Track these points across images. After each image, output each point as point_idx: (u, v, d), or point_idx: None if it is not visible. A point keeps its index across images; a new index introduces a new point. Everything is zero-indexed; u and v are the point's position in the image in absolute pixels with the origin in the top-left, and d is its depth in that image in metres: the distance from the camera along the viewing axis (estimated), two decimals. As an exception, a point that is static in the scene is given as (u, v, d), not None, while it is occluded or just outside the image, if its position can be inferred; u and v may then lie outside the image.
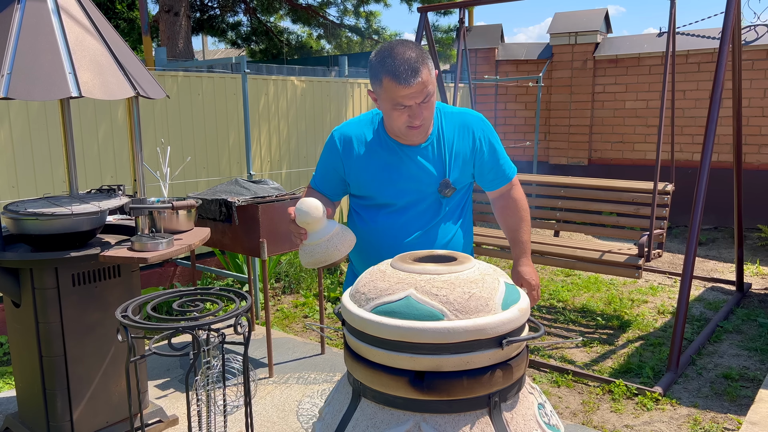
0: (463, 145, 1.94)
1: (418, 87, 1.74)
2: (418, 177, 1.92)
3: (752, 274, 5.53)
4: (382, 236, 1.95)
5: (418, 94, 1.76)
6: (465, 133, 1.95)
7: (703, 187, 3.49)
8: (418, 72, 1.73)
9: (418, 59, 1.74)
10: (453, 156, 1.93)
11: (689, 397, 3.25)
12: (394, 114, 1.80)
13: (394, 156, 1.92)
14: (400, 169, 1.92)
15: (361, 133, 1.95)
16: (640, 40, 7.56)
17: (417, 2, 10.71)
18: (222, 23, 11.89)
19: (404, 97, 1.75)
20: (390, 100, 1.77)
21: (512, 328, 1.37)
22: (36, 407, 2.60)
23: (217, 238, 3.58)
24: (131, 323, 1.84)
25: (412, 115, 1.79)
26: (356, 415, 1.43)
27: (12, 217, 2.44)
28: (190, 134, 4.98)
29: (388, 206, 1.95)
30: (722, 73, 3.51)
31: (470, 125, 1.96)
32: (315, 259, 1.76)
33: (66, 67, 2.25)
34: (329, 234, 1.76)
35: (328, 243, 1.75)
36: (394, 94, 1.75)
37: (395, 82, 1.73)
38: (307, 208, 1.71)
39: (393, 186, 1.93)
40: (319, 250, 1.74)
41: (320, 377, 3.49)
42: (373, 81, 1.80)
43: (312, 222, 1.72)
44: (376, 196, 1.95)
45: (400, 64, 1.72)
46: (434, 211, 1.97)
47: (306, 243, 1.76)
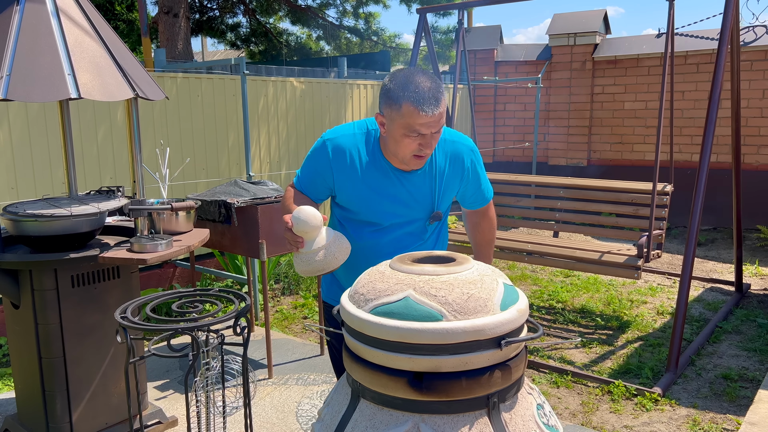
0: (453, 175, 1.98)
1: (437, 117, 1.75)
2: (407, 202, 1.93)
3: (751, 275, 5.53)
4: (363, 252, 1.95)
5: (435, 124, 1.76)
6: (456, 164, 1.97)
7: (702, 187, 3.50)
8: (440, 102, 1.75)
9: (438, 89, 1.76)
10: (444, 186, 1.96)
11: (688, 397, 3.25)
12: (404, 141, 1.79)
13: (386, 178, 1.91)
14: (390, 192, 1.91)
15: (354, 147, 1.91)
16: (639, 41, 7.57)
17: (416, 3, 10.72)
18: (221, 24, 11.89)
19: (422, 125, 1.74)
20: (406, 126, 1.76)
21: (511, 329, 1.37)
22: (35, 409, 2.60)
23: (217, 239, 3.58)
24: (130, 324, 1.84)
25: (424, 144, 1.79)
26: (355, 416, 1.43)
27: (11, 219, 2.44)
28: (189, 135, 4.98)
29: (373, 225, 1.95)
30: (721, 73, 3.52)
31: (461, 156, 1.98)
32: (312, 267, 1.74)
33: (65, 69, 2.25)
34: (326, 243, 1.74)
35: (326, 252, 1.73)
36: (412, 121, 1.74)
37: (417, 110, 1.72)
38: (305, 217, 1.69)
39: (381, 208, 1.92)
40: (316, 259, 1.72)
41: (319, 378, 3.49)
42: (389, 105, 1.77)
43: (310, 231, 1.70)
44: (362, 214, 1.95)
45: (423, 92, 1.73)
46: (418, 234, 2.00)
47: (303, 252, 1.74)
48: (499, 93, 8.48)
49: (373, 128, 1.93)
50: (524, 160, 8.31)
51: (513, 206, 5.02)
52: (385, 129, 1.82)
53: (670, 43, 3.90)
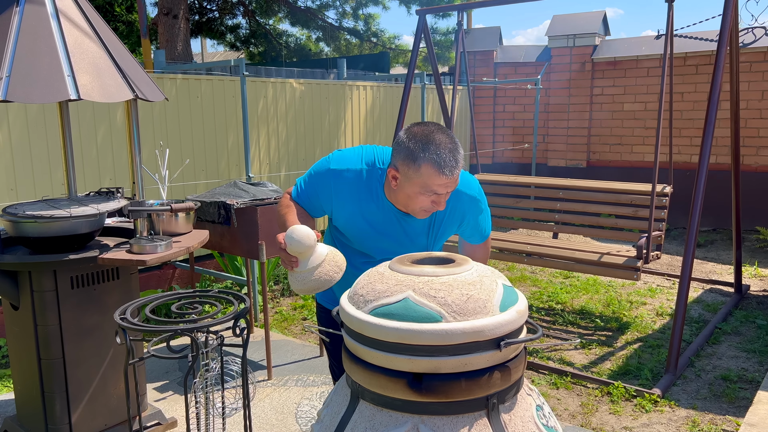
0: (451, 222, 1.98)
1: (455, 178, 1.75)
2: (401, 242, 1.94)
3: (750, 276, 5.54)
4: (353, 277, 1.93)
5: (452, 184, 1.76)
6: (456, 213, 1.97)
7: (701, 189, 3.50)
8: (459, 162, 1.75)
9: (457, 148, 1.75)
10: (440, 231, 1.98)
11: (688, 398, 3.25)
12: (418, 198, 1.78)
13: (384, 217, 1.90)
14: (387, 230, 1.92)
15: (359, 183, 1.89)
16: (638, 43, 7.58)
17: (416, 5, 10.72)
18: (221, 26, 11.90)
19: (440, 186, 1.74)
20: (423, 186, 1.75)
21: (510, 330, 1.37)
22: (34, 410, 2.60)
23: (216, 240, 3.58)
24: (130, 326, 1.84)
25: (437, 202, 1.79)
26: (354, 417, 1.43)
27: (10, 220, 2.44)
28: (188, 137, 4.98)
29: (365, 256, 1.96)
30: (720, 75, 3.52)
31: (462, 206, 1.96)
32: (308, 287, 1.72)
33: (65, 70, 2.25)
34: (321, 261, 1.71)
35: (321, 270, 1.71)
36: (431, 182, 1.73)
37: (438, 172, 1.71)
38: (298, 237, 1.67)
39: (375, 243, 1.93)
40: (312, 278, 1.70)
41: (319, 379, 3.49)
42: (407, 164, 1.74)
43: (305, 250, 1.67)
44: (356, 244, 1.95)
45: (445, 154, 1.71)
46: None
47: (297, 271, 1.72)
48: (498, 94, 8.49)
49: (380, 166, 1.89)
50: (524, 162, 8.31)
51: (512, 207, 5.03)
52: (397, 183, 1.79)
53: (669, 45, 3.91)
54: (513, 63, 8.31)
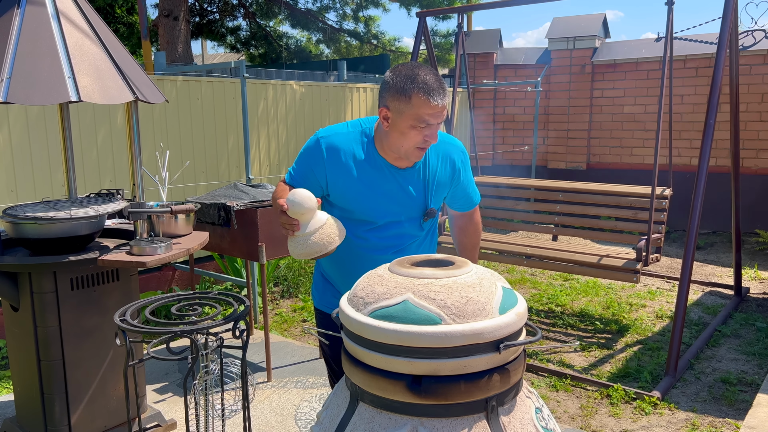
0: (444, 174, 2.00)
1: (443, 107, 1.80)
2: (401, 199, 1.94)
3: (750, 279, 5.54)
4: (357, 250, 1.96)
5: (441, 114, 1.80)
6: (446, 163, 2.01)
7: (701, 191, 3.50)
8: (446, 92, 1.81)
9: (442, 81, 1.81)
10: (435, 184, 1.99)
11: (687, 401, 3.25)
12: (411, 133, 1.80)
13: (380, 175, 1.92)
14: (385, 189, 1.92)
15: (348, 144, 1.91)
16: (638, 45, 7.58)
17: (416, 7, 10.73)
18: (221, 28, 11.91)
19: (431, 115, 1.77)
20: (415, 117, 1.77)
21: (509, 333, 1.37)
22: (34, 411, 2.60)
23: (216, 242, 3.58)
24: (130, 327, 1.84)
25: (429, 135, 1.81)
26: (354, 419, 1.43)
27: (11, 221, 2.44)
28: (189, 138, 4.98)
29: (368, 223, 1.95)
30: (720, 78, 3.52)
31: (451, 156, 2.02)
32: (308, 250, 1.71)
33: (65, 72, 2.26)
34: (322, 224, 1.72)
35: (322, 233, 1.71)
36: (422, 111, 1.76)
37: (428, 99, 1.75)
38: (300, 198, 1.68)
39: (376, 205, 1.93)
40: (312, 240, 1.70)
41: (318, 381, 3.49)
42: (397, 97, 1.78)
43: (306, 212, 1.68)
44: (357, 212, 1.94)
45: (432, 83, 1.77)
46: (412, 233, 2.01)
47: (299, 234, 1.71)
48: (498, 96, 8.49)
49: (367, 126, 1.94)
50: (523, 164, 8.32)
51: (512, 210, 5.03)
52: (389, 123, 1.82)
53: (669, 47, 3.91)
54: (513, 65, 8.32)
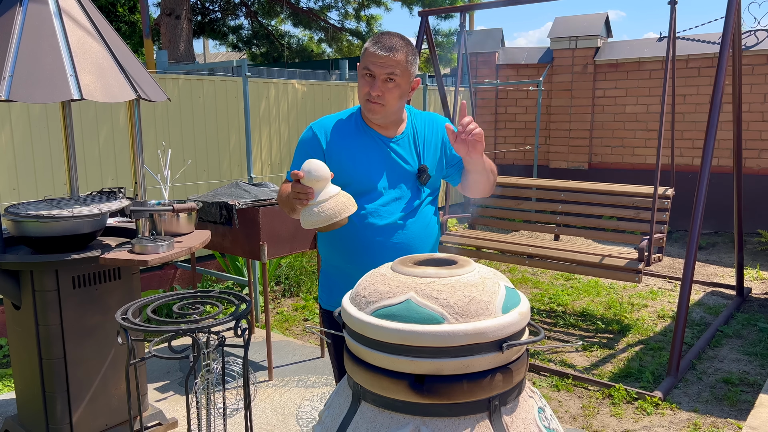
0: (433, 135, 2.09)
1: (387, 60, 1.88)
2: (394, 165, 2.02)
3: (752, 279, 5.53)
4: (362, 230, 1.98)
5: (385, 66, 1.89)
6: (434, 127, 2.10)
7: (703, 191, 3.50)
8: (394, 50, 1.89)
9: (401, 44, 1.91)
10: (425, 145, 2.07)
11: (689, 401, 3.24)
12: (361, 82, 1.94)
13: (373, 143, 2.01)
14: (379, 154, 2.01)
15: (339, 123, 2.04)
16: (641, 45, 7.57)
17: (418, 6, 10.72)
18: (223, 26, 11.91)
19: (372, 63, 1.89)
20: (362, 65, 1.93)
21: (512, 332, 1.36)
22: (35, 410, 2.60)
23: (218, 240, 3.58)
24: (131, 326, 1.84)
25: (374, 87, 1.91)
26: (356, 419, 1.43)
27: (13, 219, 2.44)
28: (190, 137, 4.98)
29: (369, 192, 1.99)
30: (722, 77, 3.52)
31: (436, 120, 2.12)
32: (321, 218, 1.73)
33: (67, 70, 2.25)
34: (335, 193, 1.75)
35: (335, 201, 1.74)
36: (366, 60, 1.91)
37: (371, 47, 1.91)
38: (315, 167, 1.71)
39: (372, 170, 2.00)
40: (326, 207, 1.73)
41: (320, 380, 3.49)
42: (362, 52, 1.96)
43: (320, 180, 1.72)
44: (357, 182, 1.98)
45: (384, 38, 1.92)
46: (412, 198, 2.05)
47: (312, 203, 1.74)
48: (500, 96, 8.48)
49: (355, 108, 2.08)
50: (525, 164, 8.31)
51: (514, 209, 5.02)
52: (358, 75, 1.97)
53: (671, 47, 3.90)
54: (515, 64, 8.31)
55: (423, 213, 2.06)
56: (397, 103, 1.97)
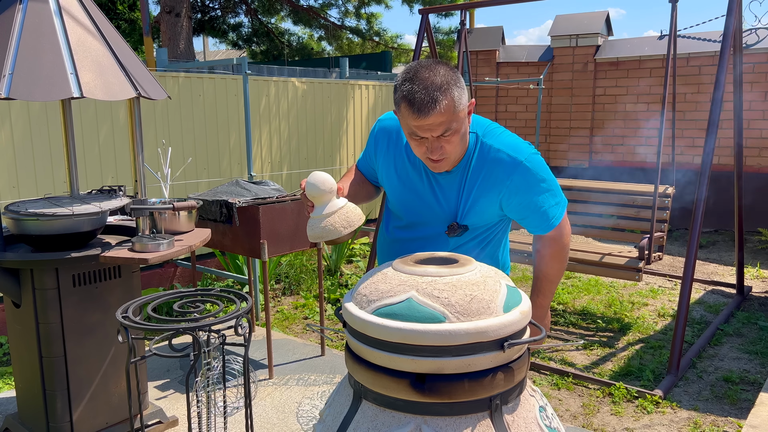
0: (487, 188, 1.71)
1: (434, 119, 1.54)
2: (429, 203, 1.79)
3: (752, 278, 5.53)
4: (389, 244, 1.93)
5: (435, 128, 1.56)
6: (492, 176, 1.70)
7: (703, 189, 3.49)
8: (437, 102, 1.52)
9: (441, 86, 1.53)
10: (471, 198, 1.73)
11: (690, 400, 3.24)
12: (412, 143, 1.66)
13: (416, 173, 1.79)
14: (417, 188, 1.80)
15: (398, 135, 1.82)
16: (641, 43, 7.56)
17: (418, 4, 10.72)
18: (223, 24, 11.90)
19: (418, 128, 1.57)
20: (406, 127, 1.62)
21: (514, 331, 1.36)
22: (36, 408, 2.60)
23: (218, 239, 3.58)
24: (132, 324, 1.83)
25: (429, 149, 1.62)
26: (357, 417, 1.42)
27: (13, 218, 2.44)
28: (191, 135, 4.98)
29: (398, 218, 1.90)
30: (723, 76, 3.51)
31: (501, 168, 1.69)
32: (314, 233, 1.72)
33: (68, 68, 2.25)
34: (333, 211, 1.69)
35: (333, 219, 1.70)
36: (408, 123, 1.59)
37: (410, 110, 1.55)
38: (314, 180, 1.67)
39: (404, 201, 1.83)
40: (320, 225, 1.69)
41: (320, 379, 3.49)
42: (395, 102, 1.62)
43: (317, 196, 1.68)
44: (391, 204, 1.89)
45: (418, 90, 1.53)
46: (439, 243, 1.80)
47: (315, 216, 1.70)
48: (500, 94, 8.48)
49: None
50: (525, 162, 8.29)
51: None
52: None
53: (672, 45, 3.90)
54: (515, 63, 8.30)
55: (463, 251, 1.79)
56: (460, 147, 1.67)
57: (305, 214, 1.76)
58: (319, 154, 6.15)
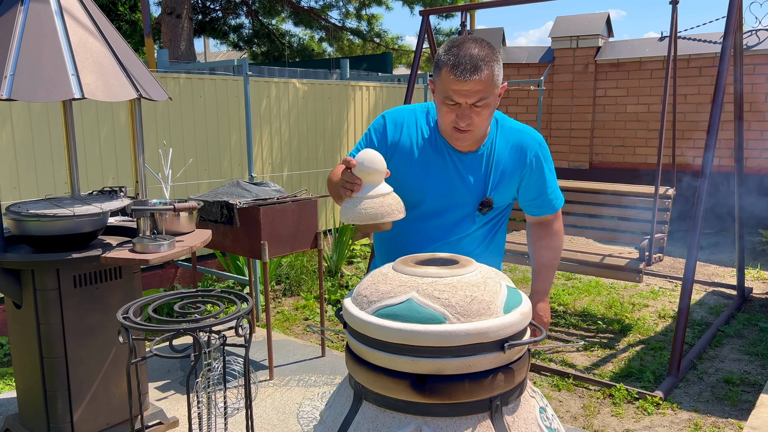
0: (512, 166, 1.81)
1: (473, 86, 1.61)
2: (456, 186, 1.80)
3: (753, 279, 5.52)
4: (405, 238, 1.86)
5: (471, 94, 1.63)
6: (517, 155, 1.81)
7: (704, 191, 3.49)
8: (479, 70, 1.61)
9: (485, 58, 1.62)
10: (499, 175, 1.81)
11: (690, 401, 3.24)
12: (443, 109, 1.69)
13: (440, 157, 1.80)
14: (441, 172, 1.80)
15: (413, 121, 1.83)
16: (642, 44, 7.57)
17: (419, 5, 10.73)
18: (224, 25, 11.92)
19: (456, 92, 1.63)
20: (442, 91, 1.66)
21: (514, 332, 1.36)
22: (36, 409, 2.60)
23: (218, 240, 3.58)
24: (132, 325, 1.84)
25: (460, 116, 1.67)
26: (357, 418, 1.43)
27: (14, 218, 2.44)
28: (191, 136, 4.98)
29: (418, 207, 1.84)
30: (724, 77, 3.51)
31: (524, 147, 1.81)
32: (363, 215, 1.54)
33: (69, 69, 2.25)
34: (385, 192, 1.56)
35: (382, 201, 1.54)
36: (447, 86, 1.64)
37: (451, 73, 1.62)
38: (371, 156, 1.53)
39: (428, 187, 1.80)
40: (370, 205, 1.53)
41: (321, 380, 3.49)
42: (434, 69, 1.69)
43: (373, 174, 1.53)
44: (408, 194, 1.82)
45: (463, 57, 1.61)
46: (464, 225, 1.84)
47: (357, 196, 1.55)
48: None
49: (433, 106, 1.85)
50: (526, 163, 8.29)
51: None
52: (434, 97, 1.74)
53: (672, 47, 3.90)
54: (516, 64, 8.30)
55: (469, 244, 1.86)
56: (486, 123, 1.73)
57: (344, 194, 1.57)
58: (319, 155, 6.16)
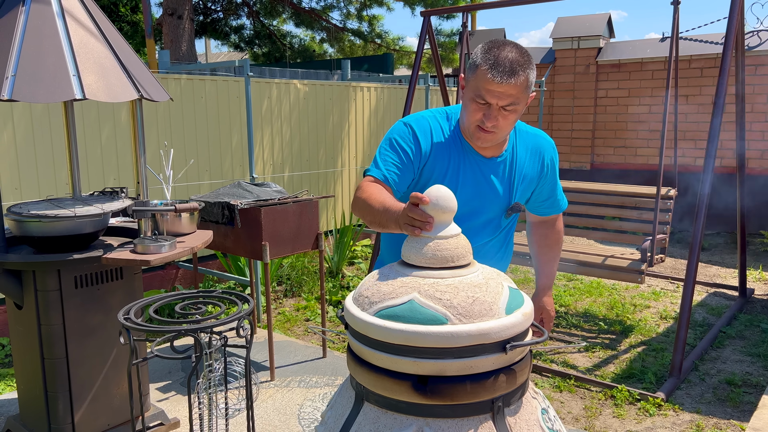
0: (532, 169, 1.88)
1: (507, 89, 1.65)
2: (483, 191, 1.83)
3: (755, 280, 5.52)
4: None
5: (504, 97, 1.66)
6: (536, 158, 1.88)
7: (705, 192, 3.49)
8: (515, 75, 1.65)
9: (523, 64, 1.67)
10: (521, 179, 1.86)
11: (692, 402, 3.24)
12: (471, 106, 1.72)
13: (466, 161, 1.81)
14: (468, 176, 1.81)
15: (438, 128, 1.83)
16: (643, 45, 7.56)
17: (420, 6, 10.73)
18: (225, 26, 11.93)
19: (489, 92, 1.66)
20: (474, 89, 1.69)
21: (516, 333, 1.36)
22: (37, 409, 2.60)
23: (220, 240, 3.58)
24: (133, 326, 1.83)
25: (487, 116, 1.69)
26: (359, 419, 1.42)
27: (15, 219, 2.44)
28: (193, 137, 4.98)
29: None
30: (725, 78, 3.51)
31: (542, 151, 1.89)
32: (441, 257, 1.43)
33: (70, 70, 2.25)
34: (457, 233, 1.46)
35: (456, 243, 1.44)
36: (481, 85, 1.67)
37: (489, 73, 1.65)
38: (445, 194, 1.43)
39: (459, 193, 1.76)
40: (445, 248, 1.43)
41: (322, 381, 3.49)
42: (470, 66, 1.72)
43: (448, 213, 1.44)
44: None
45: (503, 60, 1.65)
46: (488, 230, 1.88)
47: (427, 235, 1.44)
48: (502, 96, 8.47)
49: (451, 111, 1.87)
50: (527, 164, 8.29)
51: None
52: (463, 93, 1.76)
53: (674, 47, 3.90)
54: (517, 65, 8.29)
55: (493, 248, 1.92)
56: (510, 128, 1.76)
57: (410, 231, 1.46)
58: (321, 156, 6.16)
